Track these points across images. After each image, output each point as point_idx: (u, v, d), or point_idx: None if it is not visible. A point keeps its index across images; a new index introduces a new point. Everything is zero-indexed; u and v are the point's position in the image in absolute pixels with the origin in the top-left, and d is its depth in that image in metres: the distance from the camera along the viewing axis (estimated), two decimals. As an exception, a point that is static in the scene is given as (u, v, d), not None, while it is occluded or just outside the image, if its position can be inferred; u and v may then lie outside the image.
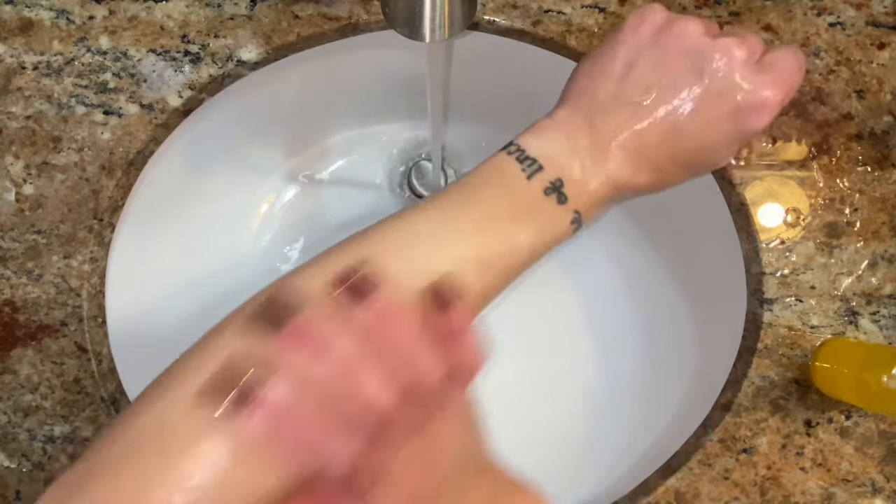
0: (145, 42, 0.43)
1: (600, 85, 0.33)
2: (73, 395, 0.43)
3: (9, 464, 0.43)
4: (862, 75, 0.44)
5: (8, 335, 0.43)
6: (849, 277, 0.44)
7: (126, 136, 0.43)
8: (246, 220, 0.56)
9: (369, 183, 0.58)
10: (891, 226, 0.44)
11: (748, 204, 0.45)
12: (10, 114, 0.43)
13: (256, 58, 0.44)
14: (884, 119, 0.44)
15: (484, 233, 0.31)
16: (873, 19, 0.44)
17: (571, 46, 0.44)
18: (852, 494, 0.44)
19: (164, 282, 0.52)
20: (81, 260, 0.43)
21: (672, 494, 0.44)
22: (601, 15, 0.44)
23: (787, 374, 0.44)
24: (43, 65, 0.43)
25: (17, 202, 0.43)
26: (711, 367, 0.48)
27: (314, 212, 0.57)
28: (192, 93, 0.43)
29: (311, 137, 0.57)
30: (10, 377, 0.43)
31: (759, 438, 0.44)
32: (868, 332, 0.44)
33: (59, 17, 0.43)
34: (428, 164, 0.58)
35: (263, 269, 0.56)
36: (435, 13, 0.31)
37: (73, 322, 0.43)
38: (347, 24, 0.44)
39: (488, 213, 0.32)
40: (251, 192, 0.56)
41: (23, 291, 0.43)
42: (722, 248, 0.47)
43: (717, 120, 0.32)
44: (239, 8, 0.43)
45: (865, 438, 0.44)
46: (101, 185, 0.43)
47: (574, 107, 0.33)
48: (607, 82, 0.33)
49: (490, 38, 0.46)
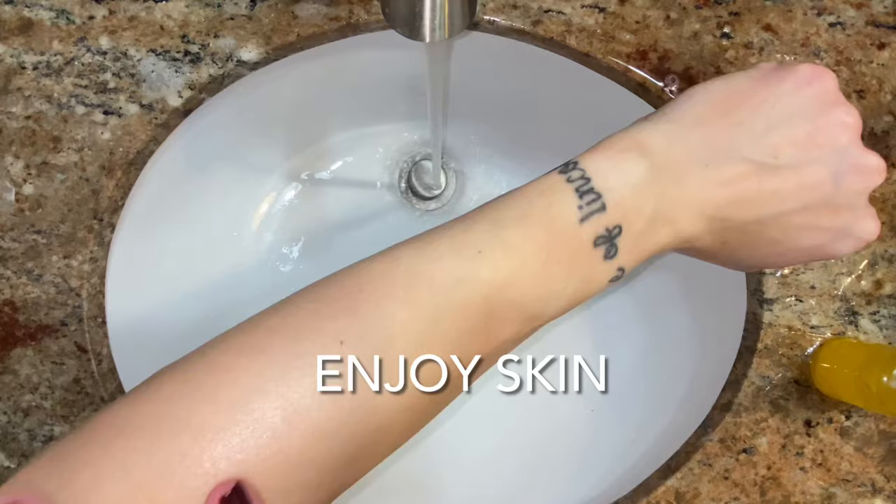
0: (145, 42, 0.43)
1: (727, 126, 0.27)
2: (73, 395, 0.43)
3: (9, 464, 0.43)
4: (862, 75, 0.44)
5: (8, 335, 0.43)
6: (849, 277, 0.44)
7: (126, 136, 0.43)
8: (246, 220, 0.56)
9: (369, 183, 0.58)
10: (891, 226, 0.44)
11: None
12: (10, 114, 0.43)
13: (256, 58, 0.44)
14: (884, 119, 0.44)
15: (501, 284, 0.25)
16: (873, 19, 0.44)
17: (571, 46, 0.44)
18: (852, 494, 0.44)
19: (165, 282, 0.52)
20: (81, 260, 0.43)
21: (672, 494, 0.44)
22: (601, 15, 0.44)
23: (787, 374, 0.44)
24: (43, 65, 0.43)
25: (17, 202, 0.43)
26: (711, 367, 0.48)
27: (314, 212, 0.57)
28: (192, 93, 0.43)
29: (311, 137, 0.57)
30: (10, 377, 0.43)
31: (759, 438, 0.44)
32: (868, 332, 0.44)
33: (59, 17, 0.43)
34: (428, 163, 0.58)
35: (263, 269, 0.56)
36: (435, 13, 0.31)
37: (73, 322, 0.43)
38: (347, 24, 0.44)
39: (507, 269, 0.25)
40: (251, 192, 0.56)
41: (23, 291, 0.43)
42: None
43: (819, 229, 0.28)
44: (239, 8, 0.43)
45: (865, 438, 0.44)
46: (101, 185, 0.43)
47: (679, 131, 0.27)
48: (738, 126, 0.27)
49: (490, 38, 0.46)
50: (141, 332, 0.48)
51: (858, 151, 0.28)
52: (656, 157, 0.27)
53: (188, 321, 0.51)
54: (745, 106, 0.28)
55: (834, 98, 0.28)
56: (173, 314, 0.51)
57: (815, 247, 0.29)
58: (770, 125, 0.27)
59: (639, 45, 0.44)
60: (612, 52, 0.44)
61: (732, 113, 0.27)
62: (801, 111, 0.28)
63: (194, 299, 0.53)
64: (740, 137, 0.27)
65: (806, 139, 0.27)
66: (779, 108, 0.28)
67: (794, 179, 0.27)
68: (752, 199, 0.27)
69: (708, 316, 0.51)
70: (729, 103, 0.28)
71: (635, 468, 0.48)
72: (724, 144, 0.27)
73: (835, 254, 0.30)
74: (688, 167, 0.27)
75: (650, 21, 0.44)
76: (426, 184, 0.58)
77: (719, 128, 0.27)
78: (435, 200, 0.58)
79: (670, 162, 0.27)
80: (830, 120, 0.28)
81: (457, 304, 0.25)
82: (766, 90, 0.28)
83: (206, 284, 0.54)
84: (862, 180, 0.28)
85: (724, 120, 0.27)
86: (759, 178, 0.27)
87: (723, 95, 0.28)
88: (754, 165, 0.27)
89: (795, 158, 0.27)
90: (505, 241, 0.26)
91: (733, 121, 0.27)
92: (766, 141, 0.27)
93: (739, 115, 0.27)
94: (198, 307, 0.52)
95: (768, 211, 0.28)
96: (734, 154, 0.27)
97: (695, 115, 0.28)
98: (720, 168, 0.27)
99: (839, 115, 0.28)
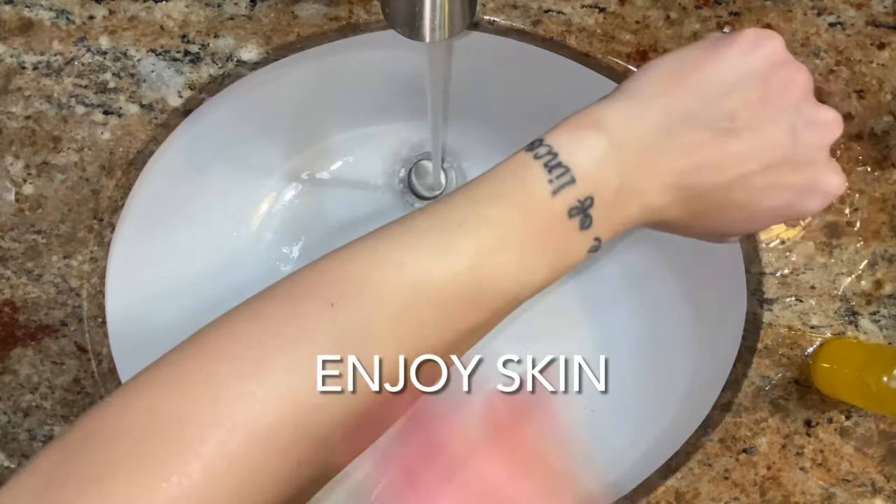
0: (145, 42, 0.43)
1: (682, 95, 0.28)
2: (73, 395, 0.43)
3: (9, 464, 0.43)
4: (862, 75, 0.44)
5: (8, 335, 0.43)
6: (849, 277, 0.44)
7: (126, 136, 0.43)
8: (246, 220, 0.56)
9: (369, 183, 0.58)
10: (891, 226, 0.44)
11: (748, 204, 0.45)
12: (10, 114, 0.43)
13: (256, 58, 0.44)
14: (884, 119, 0.44)
15: (476, 265, 0.26)
16: (873, 19, 0.44)
17: (571, 46, 0.44)
18: (852, 494, 0.44)
19: (165, 282, 0.52)
20: (81, 260, 0.43)
21: (672, 494, 0.44)
22: (601, 15, 0.44)
23: (787, 374, 0.44)
24: (43, 65, 0.43)
25: (17, 202, 0.43)
26: (711, 366, 0.48)
27: (314, 212, 0.57)
28: (192, 93, 0.43)
29: (311, 137, 0.57)
30: (10, 377, 0.43)
31: (759, 438, 0.44)
32: (868, 332, 0.44)
33: (59, 17, 0.43)
34: (428, 164, 0.58)
35: (263, 269, 0.56)
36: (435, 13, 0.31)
37: (73, 322, 0.43)
38: (347, 24, 0.44)
39: (488, 238, 0.26)
40: (251, 191, 0.56)
41: (23, 291, 0.43)
42: (722, 248, 0.47)
43: (783, 187, 0.29)
44: (239, 8, 0.43)
45: (865, 438, 0.44)
46: (101, 185, 0.43)
47: (637, 106, 0.28)
48: (692, 96, 0.28)
49: (490, 38, 0.46)
50: (141, 332, 0.48)
51: (812, 107, 0.29)
52: (616, 131, 0.27)
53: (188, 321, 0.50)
54: (698, 75, 0.28)
55: (782, 58, 0.29)
56: (173, 314, 0.51)
57: (783, 206, 0.29)
58: (723, 91, 0.28)
59: (639, 45, 0.44)
60: (612, 52, 0.44)
61: (686, 83, 0.28)
62: (752, 74, 0.28)
63: (194, 299, 0.53)
64: (696, 105, 0.28)
65: (759, 100, 0.28)
66: (730, 73, 0.28)
67: (753, 140, 0.28)
68: (715, 164, 0.28)
69: (708, 316, 0.51)
70: (681, 75, 0.28)
71: (635, 468, 0.48)
72: (681, 113, 0.28)
73: (804, 211, 0.30)
74: (648, 139, 0.27)
75: (650, 21, 0.44)
76: (426, 184, 0.58)
77: (675, 98, 0.28)
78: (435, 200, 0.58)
79: (630, 135, 0.27)
80: (781, 79, 0.28)
81: (442, 279, 0.26)
82: (715, 58, 0.28)
83: (207, 284, 0.54)
84: (820, 135, 0.29)
85: (679, 90, 0.28)
86: (719, 143, 0.28)
87: (675, 67, 0.29)
88: (712, 130, 0.28)
89: (751, 120, 0.28)
90: (483, 215, 0.27)
91: (688, 90, 0.28)
92: (722, 106, 0.28)
93: (692, 84, 0.28)
94: (198, 307, 0.52)
95: (731, 174, 0.28)
96: (692, 122, 0.28)
97: (650, 89, 0.28)
98: (680, 136, 0.27)
99: (789, 74, 0.29)
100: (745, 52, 0.29)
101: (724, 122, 0.28)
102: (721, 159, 0.28)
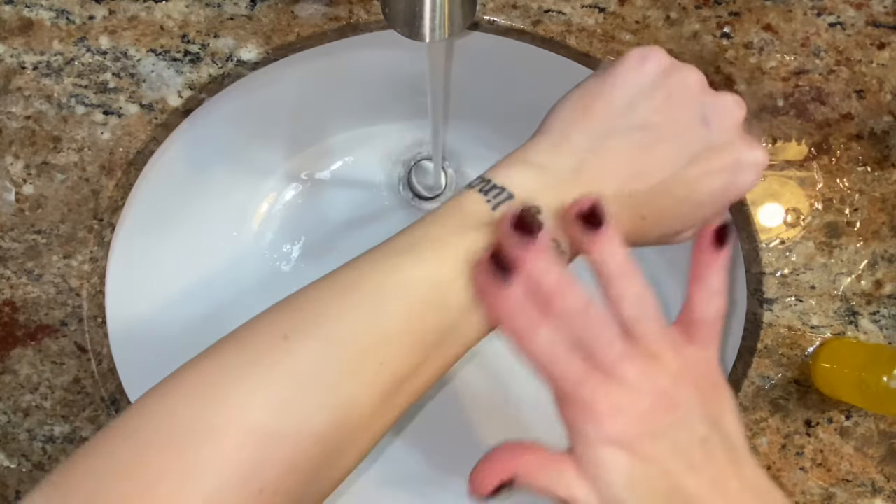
0: (145, 42, 0.43)
1: (595, 118, 0.30)
2: (73, 395, 0.43)
3: (9, 464, 0.43)
4: (862, 75, 0.44)
5: (8, 335, 0.43)
6: (849, 277, 0.44)
7: (126, 136, 0.43)
8: (246, 219, 0.56)
9: (369, 183, 0.58)
10: (891, 226, 0.44)
11: (748, 204, 0.45)
12: (10, 114, 0.43)
13: (256, 58, 0.44)
14: (884, 119, 0.44)
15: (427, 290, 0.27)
16: (873, 19, 0.44)
17: (571, 46, 0.44)
18: (852, 494, 0.44)
19: (165, 282, 0.52)
20: (81, 260, 0.43)
21: (672, 494, 0.44)
22: (601, 15, 0.44)
23: (787, 374, 0.44)
24: (43, 65, 0.43)
25: (17, 202, 0.43)
26: (711, 367, 0.48)
27: (314, 211, 0.57)
28: (192, 93, 0.43)
29: (311, 137, 0.57)
30: (10, 377, 0.43)
31: (759, 438, 0.44)
32: (868, 332, 0.44)
33: (59, 17, 0.43)
34: (428, 164, 0.58)
35: (264, 269, 0.56)
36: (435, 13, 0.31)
37: (73, 322, 0.43)
38: (347, 24, 0.44)
39: (437, 253, 0.27)
40: (251, 192, 0.56)
41: (23, 291, 0.43)
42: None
43: (714, 171, 0.31)
44: (239, 8, 0.43)
45: (865, 438, 0.44)
46: (101, 185, 0.43)
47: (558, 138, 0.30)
48: (604, 117, 0.30)
49: (490, 38, 0.46)
50: (141, 332, 0.48)
51: (713, 96, 0.31)
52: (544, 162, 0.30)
53: (188, 321, 0.51)
54: (603, 98, 0.31)
55: (669, 63, 0.31)
56: (173, 314, 0.51)
57: (721, 188, 0.31)
58: (629, 104, 0.30)
59: (639, 46, 0.44)
60: (612, 52, 0.44)
61: (594, 107, 0.31)
62: (649, 83, 0.31)
63: (194, 299, 0.53)
64: (611, 123, 0.30)
65: (664, 103, 0.31)
66: (630, 88, 0.31)
67: (673, 139, 0.30)
68: (647, 169, 0.30)
69: (708, 316, 0.51)
70: (588, 101, 0.31)
71: (635, 468, 0.48)
72: (600, 133, 0.30)
73: (742, 187, 0.32)
74: (577, 162, 0.30)
75: (650, 21, 0.44)
76: (426, 184, 0.58)
77: (590, 122, 0.30)
78: (435, 201, 0.58)
79: (559, 162, 0.30)
80: (675, 81, 0.31)
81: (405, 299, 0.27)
82: (612, 80, 0.31)
83: (207, 284, 0.54)
84: (729, 117, 0.31)
85: (591, 115, 0.31)
86: (644, 148, 0.30)
87: (580, 99, 0.31)
88: (634, 140, 0.30)
89: (665, 121, 0.30)
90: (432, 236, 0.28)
91: (599, 112, 0.31)
92: (634, 117, 0.30)
93: (600, 106, 0.31)
94: (198, 307, 0.52)
95: (665, 173, 0.30)
96: (613, 138, 0.30)
97: (564, 123, 0.31)
98: (606, 153, 0.30)
99: (681, 75, 0.31)
100: (635, 67, 0.31)
101: (641, 129, 0.30)
102: (651, 163, 0.30)
